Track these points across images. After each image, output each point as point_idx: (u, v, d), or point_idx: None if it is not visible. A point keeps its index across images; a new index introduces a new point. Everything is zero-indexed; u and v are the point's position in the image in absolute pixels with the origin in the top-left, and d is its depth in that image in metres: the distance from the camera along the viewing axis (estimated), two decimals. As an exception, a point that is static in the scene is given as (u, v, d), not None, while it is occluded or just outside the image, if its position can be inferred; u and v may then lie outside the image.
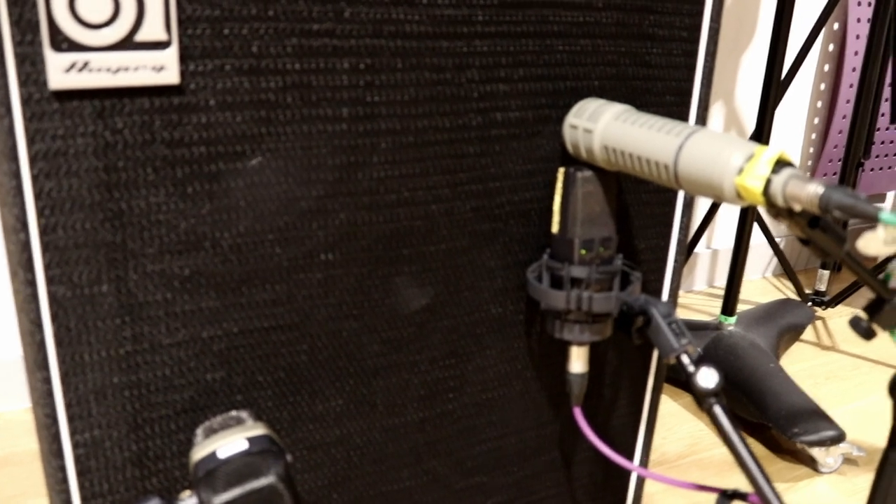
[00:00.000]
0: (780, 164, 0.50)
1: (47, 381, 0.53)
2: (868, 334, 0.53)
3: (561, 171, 0.64)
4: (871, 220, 0.44)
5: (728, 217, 1.69)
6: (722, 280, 1.74)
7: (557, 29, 0.63)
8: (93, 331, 0.54)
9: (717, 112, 1.59)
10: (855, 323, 0.53)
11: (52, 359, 0.53)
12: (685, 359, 0.57)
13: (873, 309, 0.53)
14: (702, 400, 0.56)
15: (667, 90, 0.70)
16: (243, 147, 0.55)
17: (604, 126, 0.60)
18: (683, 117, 0.72)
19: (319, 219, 0.59)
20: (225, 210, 0.56)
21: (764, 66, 1.60)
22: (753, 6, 1.54)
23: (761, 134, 1.24)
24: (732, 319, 1.33)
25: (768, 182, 0.49)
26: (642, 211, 0.72)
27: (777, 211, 0.51)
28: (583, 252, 0.63)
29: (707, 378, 0.55)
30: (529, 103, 0.64)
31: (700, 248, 1.69)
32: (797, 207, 0.49)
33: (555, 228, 0.65)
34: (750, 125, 1.63)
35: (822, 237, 0.51)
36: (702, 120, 0.72)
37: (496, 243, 0.67)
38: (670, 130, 0.56)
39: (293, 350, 0.61)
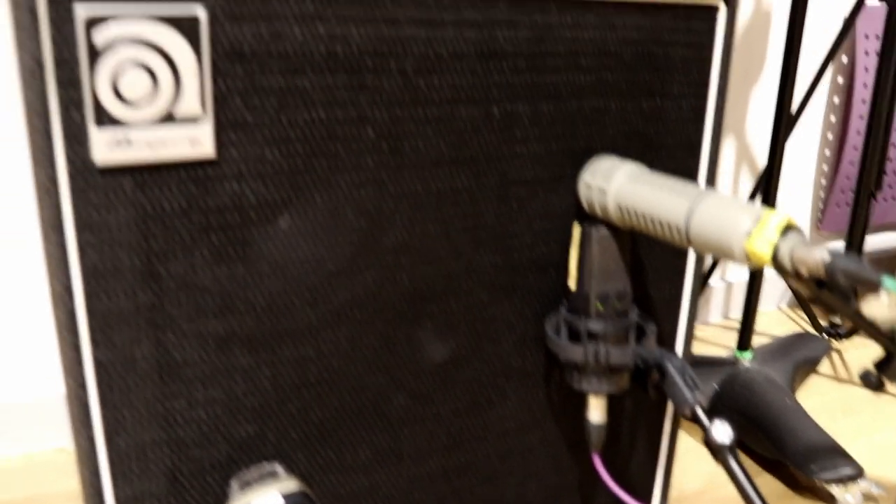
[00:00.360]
0: (788, 229, 0.52)
1: (91, 439, 0.56)
2: (878, 387, 0.55)
3: (577, 228, 0.66)
4: (875, 287, 0.46)
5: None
6: (737, 312, 1.75)
7: (570, 91, 0.66)
8: (133, 390, 0.57)
9: (728, 146, 1.61)
10: (865, 377, 0.55)
11: (95, 419, 0.56)
12: (700, 412, 0.59)
13: (883, 364, 0.54)
14: (716, 453, 0.58)
15: (678, 144, 0.73)
16: (273, 212, 0.58)
17: (617, 186, 0.63)
18: (694, 170, 0.74)
19: (346, 279, 0.61)
20: (257, 272, 0.58)
21: (774, 99, 1.62)
22: (762, 40, 1.56)
23: (773, 167, 1.26)
24: (748, 355, 1.34)
25: (776, 248, 0.52)
26: (656, 264, 0.74)
27: (785, 273, 0.53)
28: (599, 306, 0.66)
29: (721, 433, 0.57)
30: (545, 162, 0.67)
31: (714, 280, 1.70)
32: (804, 271, 0.51)
33: (571, 283, 0.67)
34: (761, 158, 1.65)
35: (829, 297, 0.53)
36: (712, 173, 0.75)
37: (515, 297, 0.69)
38: (681, 193, 0.58)
39: (323, 404, 0.63)
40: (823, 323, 1.66)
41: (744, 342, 1.34)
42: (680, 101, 0.72)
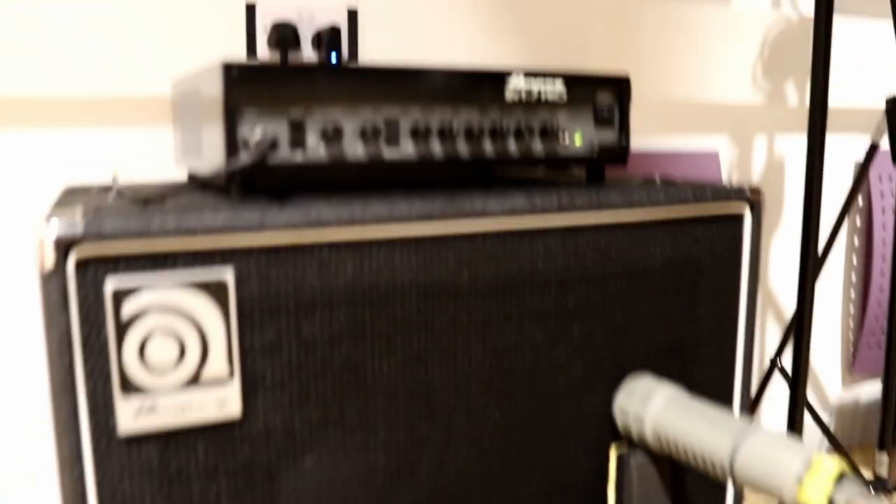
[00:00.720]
0: (842, 477, 0.50)
1: None
2: None
3: (613, 454, 0.64)
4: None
5: (778, 397, 1.67)
6: None
7: (602, 308, 0.65)
8: None
9: (752, 294, 1.59)
10: None
11: None
12: None
13: None
14: None
15: (711, 352, 0.71)
16: (298, 465, 0.56)
17: (654, 414, 0.61)
18: (730, 376, 0.72)
19: (377, 523, 0.59)
20: (284, 527, 0.56)
21: (796, 245, 1.62)
22: (778, 187, 1.57)
23: (803, 311, 1.23)
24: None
25: (831, 500, 0.49)
26: (698, 485, 0.71)
27: (843, 521, 0.50)
28: (643, 536, 0.62)
29: None
30: (579, 383, 0.65)
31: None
32: (864, 525, 0.48)
33: (612, 512, 0.64)
34: (786, 303, 1.63)
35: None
36: (747, 379, 0.72)
37: (553, 524, 0.66)
38: (724, 426, 0.56)
39: None
40: (868, 477, 1.59)
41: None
42: (710, 309, 0.71)
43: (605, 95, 0.71)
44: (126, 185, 0.71)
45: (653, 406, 0.61)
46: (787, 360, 1.57)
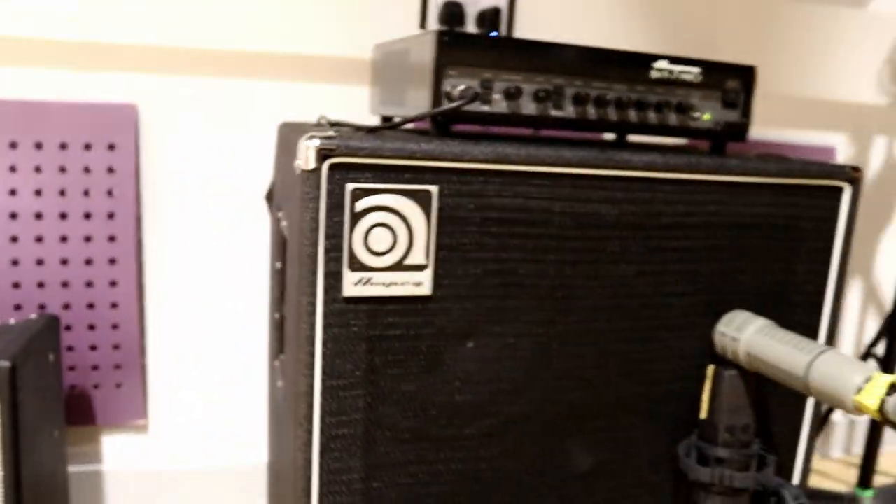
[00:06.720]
0: (894, 387, 0.63)
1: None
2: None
3: (710, 368, 0.79)
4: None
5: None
6: (859, 448, 1.77)
7: (711, 254, 0.80)
8: (343, 471, 0.72)
9: (855, 287, 1.68)
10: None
11: (315, 487, 0.72)
12: (813, 537, 0.69)
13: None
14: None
15: (803, 302, 0.85)
16: (466, 339, 0.74)
17: (748, 337, 0.75)
18: (817, 324, 0.85)
19: (517, 396, 0.76)
20: (448, 386, 0.74)
21: (902, 247, 1.68)
22: (892, 187, 1.65)
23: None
24: (869, 493, 1.38)
25: (883, 402, 0.63)
26: (778, 403, 0.85)
27: (892, 424, 0.64)
28: (726, 436, 0.77)
29: (831, 556, 0.67)
30: (687, 312, 0.80)
31: (837, 415, 1.74)
32: (907, 425, 0.62)
33: (703, 415, 0.79)
34: (887, 298, 1.71)
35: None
36: (833, 327, 0.86)
37: (653, 422, 0.82)
38: (803, 348, 0.70)
39: (488, 499, 0.77)
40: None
41: (865, 480, 1.38)
42: (806, 266, 0.84)
43: (733, 82, 0.85)
44: (333, 122, 0.90)
45: (748, 330, 0.76)
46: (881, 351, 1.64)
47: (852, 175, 0.83)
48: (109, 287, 1.12)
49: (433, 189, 0.70)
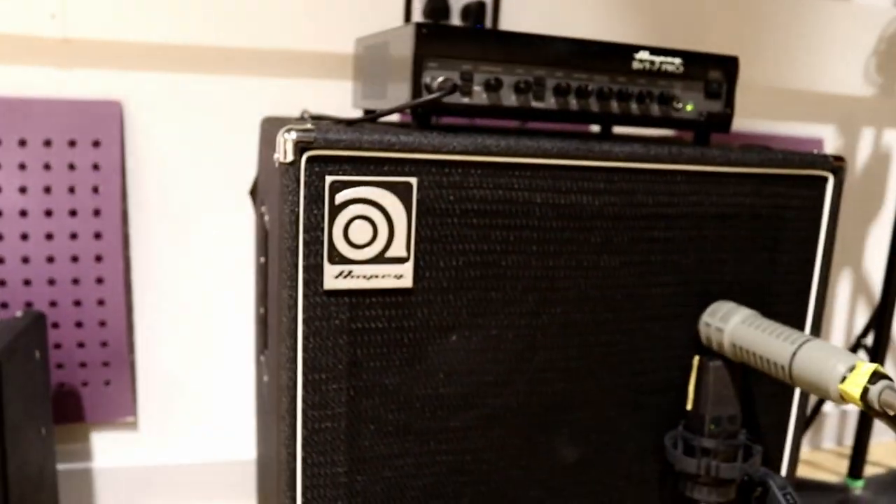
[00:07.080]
0: (877, 375, 0.63)
1: (293, 497, 0.72)
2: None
3: (696, 359, 0.79)
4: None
5: (858, 377, 1.75)
6: (850, 439, 1.78)
7: (695, 245, 0.80)
8: (326, 464, 0.72)
9: (844, 279, 1.68)
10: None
11: (299, 481, 0.72)
12: (797, 527, 0.69)
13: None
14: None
15: (787, 292, 0.84)
16: (448, 332, 0.73)
17: (732, 327, 0.75)
18: (803, 314, 0.85)
19: (501, 388, 0.76)
20: (432, 379, 0.74)
21: (890, 237, 1.69)
22: (881, 179, 1.65)
23: (886, 299, 1.33)
24: (860, 483, 1.38)
25: (866, 390, 0.63)
26: (765, 391, 0.85)
27: (875, 412, 0.64)
28: (712, 427, 0.77)
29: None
30: (672, 303, 0.80)
31: (828, 406, 1.74)
32: (891, 412, 0.62)
33: (689, 405, 0.79)
34: (876, 290, 1.71)
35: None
36: (818, 316, 0.86)
37: (639, 413, 0.81)
38: (787, 338, 0.70)
39: (473, 490, 0.77)
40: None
41: (855, 470, 1.38)
42: (790, 256, 0.84)
43: (716, 72, 0.85)
44: (314, 116, 0.89)
45: (732, 321, 0.76)
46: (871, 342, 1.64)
47: (835, 165, 0.83)
48: (96, 284, 1.12)
49: (413, 181, 0.69)
